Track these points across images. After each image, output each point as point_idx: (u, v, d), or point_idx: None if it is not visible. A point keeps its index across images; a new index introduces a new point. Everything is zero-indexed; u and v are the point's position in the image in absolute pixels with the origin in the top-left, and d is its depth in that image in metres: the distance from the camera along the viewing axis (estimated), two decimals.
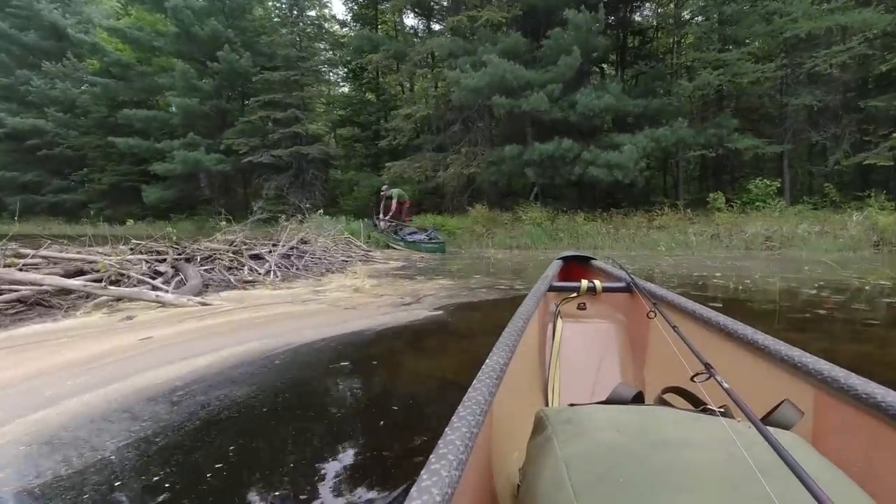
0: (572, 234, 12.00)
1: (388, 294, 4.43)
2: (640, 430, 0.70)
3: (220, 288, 4.55)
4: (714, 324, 1.25)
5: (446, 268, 7.39)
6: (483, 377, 0.84)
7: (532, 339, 1.49)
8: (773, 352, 1.01)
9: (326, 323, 3.18)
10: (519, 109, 13.12)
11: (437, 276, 6.16)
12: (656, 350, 1.56)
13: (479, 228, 13.64)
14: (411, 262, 8.36)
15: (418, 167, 16.07)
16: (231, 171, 21.16)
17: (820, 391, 0.90)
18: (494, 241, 12.71)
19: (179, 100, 20.15)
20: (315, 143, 21.02)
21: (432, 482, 0.53)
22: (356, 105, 23.11)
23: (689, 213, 12.50)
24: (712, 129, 13.21)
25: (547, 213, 13.51)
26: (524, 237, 12.37)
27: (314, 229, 10.45)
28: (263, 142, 21.05)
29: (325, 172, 22.23)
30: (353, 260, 7.91)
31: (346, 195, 23.30)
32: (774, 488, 0.53)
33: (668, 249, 10.22)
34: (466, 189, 16.91)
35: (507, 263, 8.23)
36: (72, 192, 25.92)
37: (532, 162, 13.10)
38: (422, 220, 15.18)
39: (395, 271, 6.73)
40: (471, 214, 14.36)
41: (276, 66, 20.94)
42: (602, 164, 12.57)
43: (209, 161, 20.09)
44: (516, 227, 13.57)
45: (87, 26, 24.92)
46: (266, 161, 20.27)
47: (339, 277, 5.76)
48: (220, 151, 21.06)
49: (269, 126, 20.97)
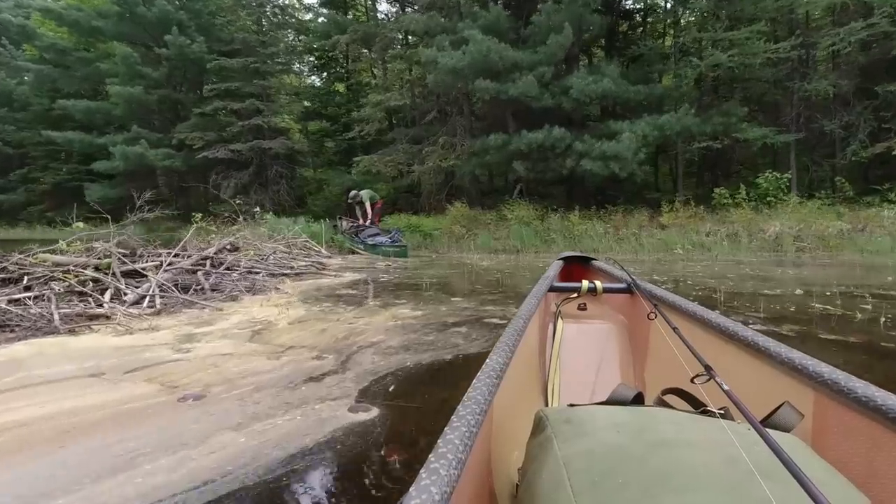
0: (566, 234, 10.40)
1: (299, 345, 2.63)
2: (639, 430, 0.69)
3: (27, 332, 2.74)
4: (714, 325, 1.25)
5: (415, 281, 5.68)
6: (483, 377, 0.83)
7: (532, 339, 1.47)
8: (774, 354, 1.00)
9: (82, 466, 1.39)
10: (506, 95, 11.48)
11: (397, 297, 4.43)
12: (657, 351, 1.53)
13: (459, 229, 11.95)
14: (373, 273, 6.61)
15: (390, 161, 14.31)
16: (184, 167, 19.05)
17: (820, 394, 0.88)
18: (477, 244, 11.03)
19: (120, 88, 17.98)
20: (278, 137, 19.03)
21: (431, 481, 0.52)
22: (324, 96, 21.18)
23: (702, 211, 11.00)
24: (719, 118, 11.77)
25: (536, 211, 11.89)
26: (511, 238, 10.72)
27: (255, 234, 8.65)
28: (221, 136, 19.02)
29: (292, 169, 20.24)
30: (298, 271, 6.13)
31: (315, 194, 21.38)
32: (774, 491, 0.52)
33: (685, 252, 8.66)
34: (445, 186, 15.21)
35: (495, 274, 6.55)
36: (10, 193, 23.40)
37: (519, 153, 11.44)
38: (395, 221, 13.45)
39: (344, 289, 4.96)
40: (450, 213, 12.66)
41: (234, 52, 18.94)
42: (597, 155, 11.01)
43: (156, 157, 17.97)
44: (501, 227, 11.92)
45: (29, 10, 22.43)
46: (223, 156, 18.23)
47: (253, 303, 3.98)
48: (171, 146, 18.94)
49: (227, 118, 18.97)
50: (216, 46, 19.41)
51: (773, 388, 0.98)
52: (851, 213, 9.93)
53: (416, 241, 12.08)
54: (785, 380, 0.97)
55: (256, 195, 19.55)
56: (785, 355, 0.97)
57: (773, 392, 0.95)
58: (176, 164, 18.57)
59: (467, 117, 13.98)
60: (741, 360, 1.12)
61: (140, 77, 18.84)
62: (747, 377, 1.07)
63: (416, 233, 12.52)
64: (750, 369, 1.08)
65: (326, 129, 20.64)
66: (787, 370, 0.96)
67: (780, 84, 13.20)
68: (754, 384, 1.03)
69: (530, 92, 11.17)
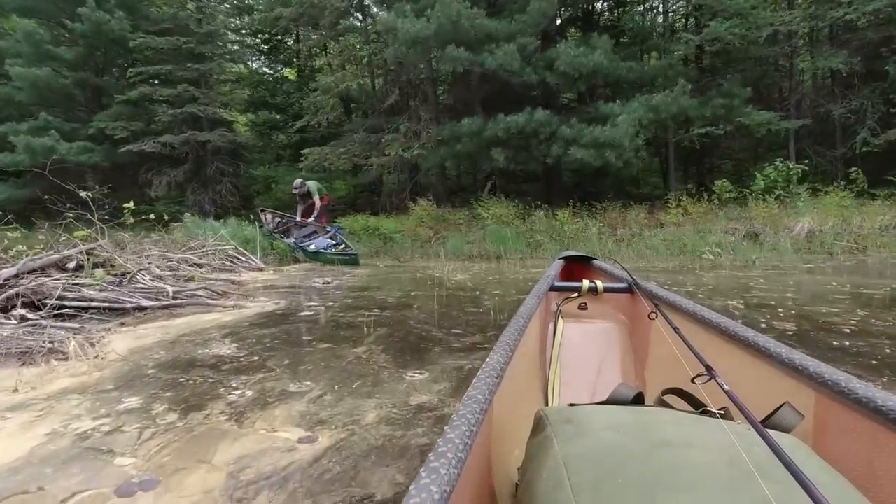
0: (555, 236, 8.63)
1: None
2: (640, 430, 0.69)
3: None
4: (715, 325, 1.22)
5: (355, 314, 3.73)
6: (483, 376, 0.82)
7: (533, 338, 1.45)
8: (775, 354, 0.98)
9: None
10: (481, 68, 9.63)
11: (302, 369, 2.47)
12: (657, 351, 1.51)
13: (425, 231, 10.04)
14: (300, 298, 4.63)
15: (344, 153, 12.23)
16: (105, 163, 16.37)
17: (821, 395, 0.87)
18: (447, 249, 9.14)
19: (23, 70, 15.19)
20: (217, 128, 16.59)
21: (431, 480, 0.51)
22: (271, 84, 18.83)
23: (715, 206, 9.42)
24: (720, 99, 10.28)
25: (515, 209, 10.10)
26: (487, 242, 8.88)
27: (153, 243, 6.55)
28: (150, 127, 16.45)
29: (236, 166, 17.81)
30: (179, 301, 4.07)
31: (264, 194, 19.00)
32: (774, 491, 0.52)
33: (715, 257, 6.94)
34: (409, 182, 13.25)
35: (474, 294, 4.68)
36: None
37: (496, 140, 9.61)
38: (350, 223, 11.40)
39: (220, 344, 2.88)
40: (414, 213, 10.73)
41: (164, 32, 16.41)
42: (588, 142, 9.31)
43: (68, 150, 15.24)
44: (474, 228, 10.08)
45: None
46: (151, 150, 15.69)
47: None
48: (89, 138, 16.22)
49: (156, 106, 16.42)
50: (144, 25, 16.83)
51: (774, 388, 0.96)
52: (871, 208, 8.55)
53: (374, 245, 10.09)
54: (786, 380, 0.95)
55: (194, 195, 17.10)
56: (786, 356, 0.95)
57: (774, 392, 0.93)
58: (94, 158, 15.88)
59: (432, 101, 12.06)
60: (742, 360, 1.09)
61: (50, 58, 16.06)
62: (748, 377, 1.04)
63: (375, 236, 10.52)
64: (751, 369, 1.05)
65: (275, 121, 18.32)
66: (787, 371, 0.95)
67: (780, 64, 11.89)
68: (755, 384, 1.01)
69: (511, 65, 9.37)
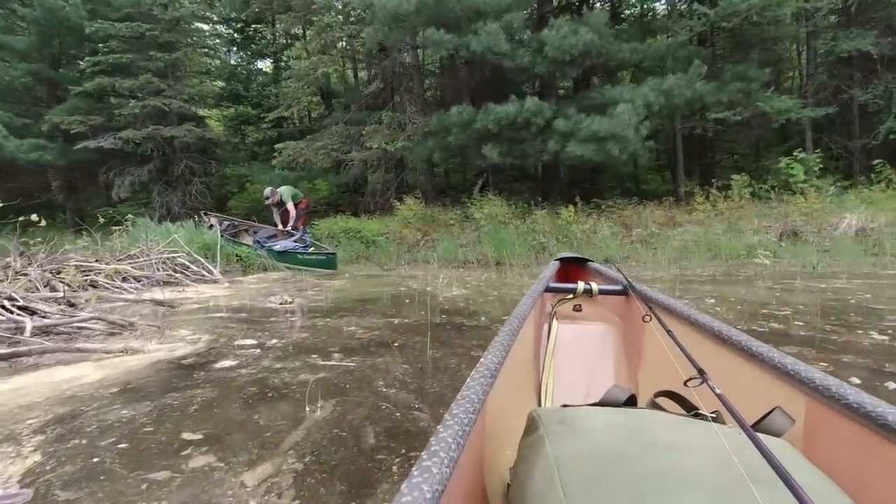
0: (561, 238, 7.55)
1: None
2: (631, 432, 0.69)
3: None
4: (709, 329, 1.21)
5: (307, 358, 2.61)
6: (477, 376, 0.81)
7: (527, 339, 1.45)
8: (767, 359, 0.98)
9: None
10: (467, 52, 8.52)
11: (169, 487, 1.37)
12: (651, 354, 1.51)
13: (412, 234, 8.91)
14: (253, 315, 3.48)
15: (322, 148, 11.02)
16: (61, 161, 14.96)
17: (812, 399, 0.87)
18: (437, 253, 8.02)
19: None
20: (185, 122, 15.24)
21: (423, 479, 0.51)
22: (243, 77, 17.49)
23: (750, 200, 8.35)
24: (737, 83, 9.30)
25: (512, 208, 9.01)
26: (484, 245, 7.77)
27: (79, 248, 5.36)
28: (111, 123, 15.06)
29: (207, 164, 16.45)
30: (45, 349, 2.88)
31: (238, 194, 17.68)
32: (763, 495, 0.52)
33: (768, 260, 5.87)
34: (394, 180, 12.09)
35: (477, 323, 3.57)
36: None
37: (488, 134, 8.49)
38: (329, 226, 10.23)
39: (91, 410, 1.77)
40: (399, 213, 9.58)
41: (125, 18, 15.03)
42: (587, 136, 8.21)
43: (17, 148, 13.82)
44: (467, 229, 8.97)
45: None
46: (110, 147, 14.31)
47: None
48: (42, 135, 14.78)
49: (117, 99, 15.01)
50: (104, 12, 15.44)
51: (766, 392, 0.96)
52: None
53: (354, 250, 8.93)
54: (777, 385, 0.95)
55: (161, 196, 15.72)
56: (777, 360, 0.95)
57: (766, 396, 0.93)
58: (47, 157, 14.45)
59: (418, 90, 10.92)
60: (734, 364, 1.09)
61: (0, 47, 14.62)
62: (740, 381, 1.04)
63: (356, 239, 9.37)
64: (743, 373, 1.05)
65: (248, 115, 17.00)
66: (779, 375, 0.95)
67: (794, 47, 10.97)
68: (747, 388, 1.00)
69: (499, 46, 8.27)
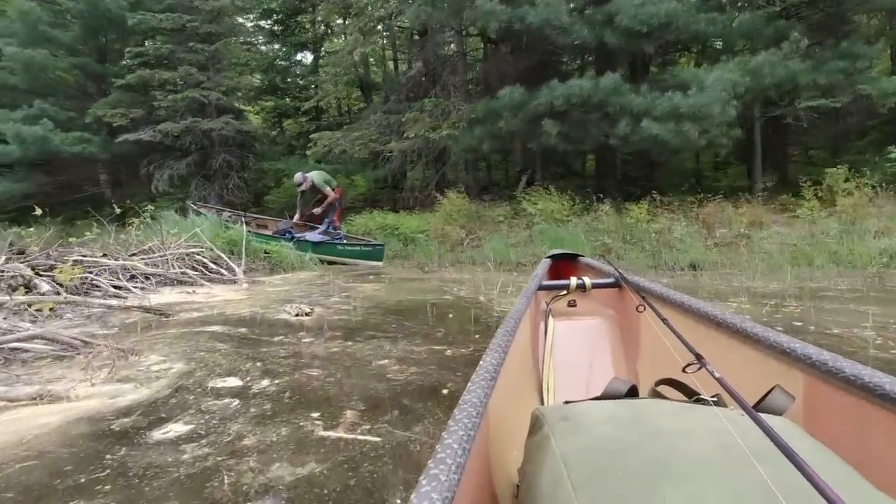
0: (629, 237, 6.48)
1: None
2: (635, 422, 0.69)
3: None
4: (703, 315, 1.23)
5: (302, 424, 1.83)
6: (477, 379, 0.82)
7: (524, 339, 1.45)
8: (762, 339, 0.99)
9: None
10: (522, 25, 7.56)
11: None
12: (648, 343, 1.52)
13: (456, 231, 8.03)
14: (254, 333, 2.69)
15: (359, 138, 10.31)
16: (104, 154, 14.99)
17: (809, 375, 0.88)
18: (483, 254, 7.11)
19: (18, 51, 13.86)
20: (223, 115, 14.95)
21: (431, 487, 0.52)
22: (283, 68, 17.06)
23: (866, 193, 7.01)
24: (838, 62, 7.90)
25: (570, 203, 7.98)
26: (538, 245, 6.81)
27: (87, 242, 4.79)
28: (152, 115, 14.95)
29: (244, 158, 16.15)
30: None
31: (275, 188, 17.32)
32: (769, 473, 0.52)
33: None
34: (435, 174, 11.26)
35: None
36: None
37: (550, 112, 7.47)
38: (365, 221, 9.52)
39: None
40: (441, 208, 8.72)
41: (166, 10, 14.89)
42: (663, 113, 7.11)
43: (63, 140, 13.87)
44: (517, 227, 8.02)
45: None
46: (149, 139, 14.16)
47: None
48: (86, 127, 14.83)
49: (157, 91, 14.87)
50: (147, 4, 15.37)
51: (764, 372, 0.96)
52: None
53: (392, 248, 8.15)
54: (774, 364, 0.96)
55: (199, 190, 15.50)
56: (773, 339, 0.96)
57: (764, 376, 0.93)
58: (90, 149, 14.48)
59: (462, 75, 10.02)
60: (731, 346, 1.10)
61: (47, 40, 14.74)
62: (738, 363, 1.04)
63: (394, 237, 8.58)
64: (740, 355, 1.06)
65: (286, 108, 16.58)
66: (776, 354, 0.95)
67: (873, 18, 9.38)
68: (745, 370, 1.01)
69: (559, 18, 7.26)
